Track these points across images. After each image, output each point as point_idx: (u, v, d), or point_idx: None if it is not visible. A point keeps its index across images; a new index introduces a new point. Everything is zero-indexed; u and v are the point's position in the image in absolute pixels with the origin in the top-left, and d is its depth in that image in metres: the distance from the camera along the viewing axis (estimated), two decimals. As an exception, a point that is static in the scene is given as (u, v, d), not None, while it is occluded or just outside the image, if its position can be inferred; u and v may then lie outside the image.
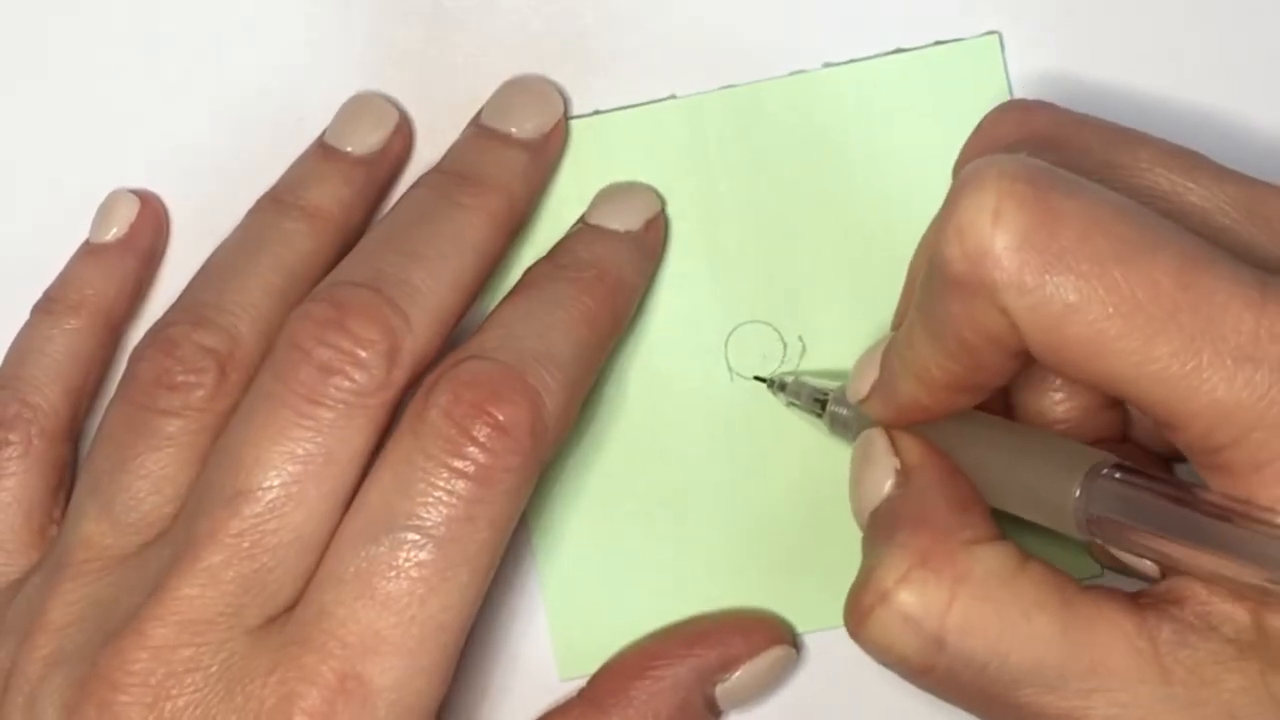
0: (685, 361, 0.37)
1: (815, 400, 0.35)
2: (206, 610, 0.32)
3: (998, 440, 0.32)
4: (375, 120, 0.37)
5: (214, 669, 0.32)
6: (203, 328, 0.34)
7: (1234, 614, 0.28)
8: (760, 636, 0.36)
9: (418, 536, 0.32)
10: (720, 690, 0.35)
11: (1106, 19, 0.37)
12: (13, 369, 0.37)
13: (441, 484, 0.32)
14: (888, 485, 0.32)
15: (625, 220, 0.37)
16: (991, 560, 0.29)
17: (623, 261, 0.36)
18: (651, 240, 0.37)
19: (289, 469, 0.32)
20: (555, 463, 0.37)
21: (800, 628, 0.37)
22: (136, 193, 0.38)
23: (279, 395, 0.33)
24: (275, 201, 0.37)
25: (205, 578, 0.32)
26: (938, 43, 0.37)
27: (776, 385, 0.36)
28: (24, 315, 0.38)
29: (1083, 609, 0.29)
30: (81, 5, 0.38)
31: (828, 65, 0.37)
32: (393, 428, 0.33)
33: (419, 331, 0.33)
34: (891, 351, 0.32)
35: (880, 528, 0.31)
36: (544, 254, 0.36)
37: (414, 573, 0.32)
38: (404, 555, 0.32)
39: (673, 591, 0.37)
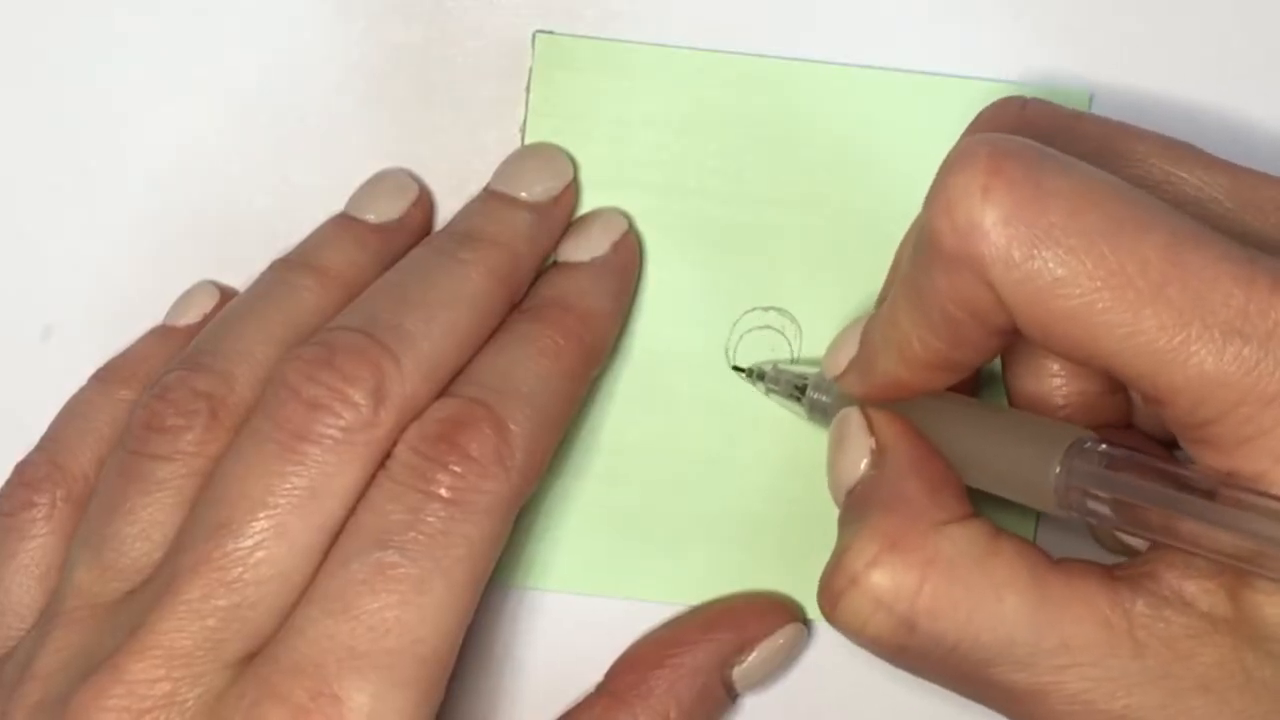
0: (688, 346, 0.37)
1: (794, 387, 0.36)
2: (186, 644, 0.31)
3: (976, 419, 0.32)
4: (395, 191, 0.37)
5: (189, 703, 0.31)
6: (197, 373, 0.34)
7: (1211, 589, 0.29)
8: (774, 616, 0.36)
9: (388, 552, 0.31)
10: (737, 672, 0.36)
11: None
12: (53, 431, 0.37)
13: (414, 503, 0.32)
14: (863, 465, 0.32)
15: (590, 249, 0.37)
16: (963, 540, 0.30)
17: (586, 290, 0.36)
18: (620, 260, 0.37)
19: (273, 503, 0.32)
20: (558, 454, 0.37)
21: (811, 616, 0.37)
22: (219, 287, 0.38)
23: (266, 432, 0.32)
24: (286, 262, 0.37)
25: (185, 610, 0.32)
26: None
27: (755, 374, 0.37)
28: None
29: (1054, 586, 0.29)
30: (82, 5, 0.38)
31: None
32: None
33: (409, 374, 0.33)
34: (873, 326, 0.32)
35: (854, 508, 0.32)
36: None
37: (386, 587, 0.31)
38: (375, 570, 0.31)
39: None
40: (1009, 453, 0.31)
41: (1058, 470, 0.29)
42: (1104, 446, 0.29)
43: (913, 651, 0.30)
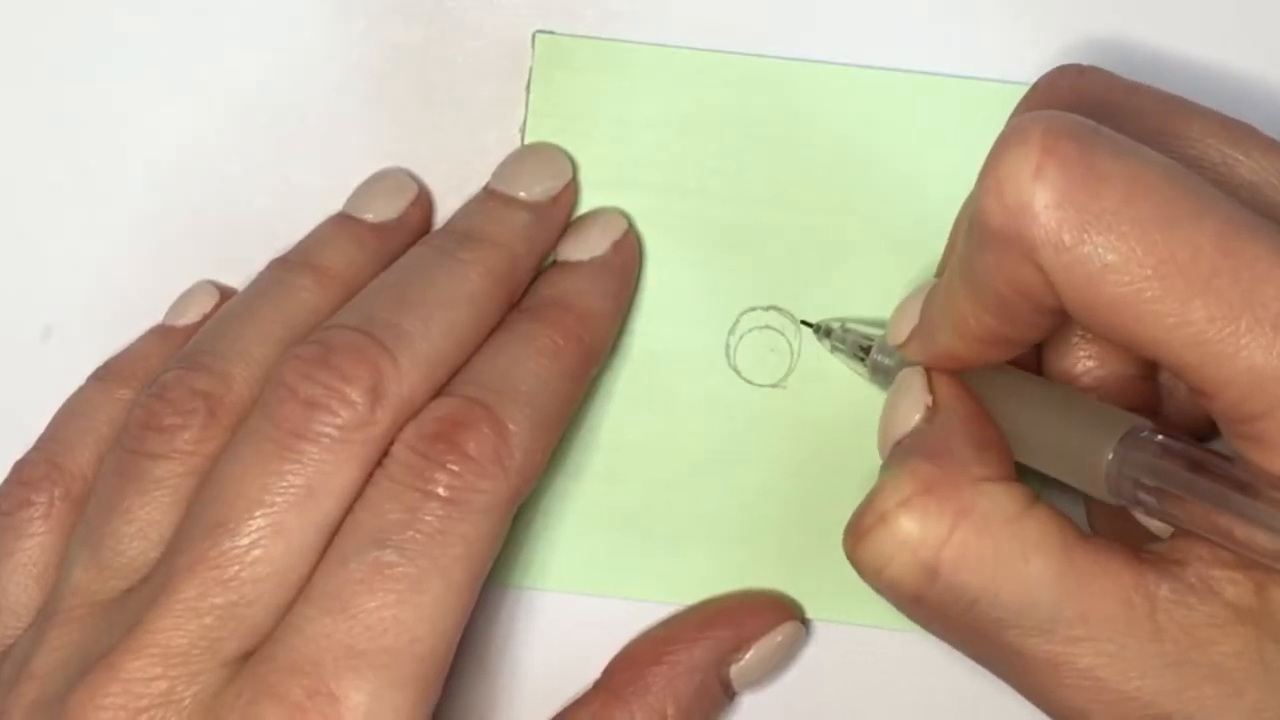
0: (688, 346, 0.37)
1: (860, 348, 0.36)
2: (183, 642, 0.31)
3: (1034, 395, 0.32)
4: (394, 191, 0.37)
5: (186, 701, 0.31)
6: (195, 372, 0.34)
7: (1238, 579, 0.28)
8: (771, 614, 0.36)
9: (386, 551, 0.31)
10: (735, 670, 0.36)
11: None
12: (52, 430, 0.37)
13: (411, 503, 0.32)
14: (916, 418, 0.32)
15: (590, 249, 0.37)
16: (1001, 498, 0.29)
17: (586, 290, 0.36)
18: (620, 260, 0.37)
19: (270, 502, 0.32)
20: (557, 454, 0.37)
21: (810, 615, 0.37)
22: (219, 287, 0.38)
23: (264, 431, 0.32)
24: (284, 261, 0.37)
25: (182, 609, 0.31)
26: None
27: (822, 331, 0.37)
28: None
29: (1082, 557, 0.29)
30: (82, 5, 0.38)
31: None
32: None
33: (406, 373, 0.33)
34: (931, 299, 0.32)
35: (898, 455, 0.31)
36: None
37: (383, 586, 0.31)
38: (373, 570, 0.31)
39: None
40: (1063, 432, 0.30)
41: (1111, 456, 0.29)
42: (1160, 437, 0.29)
43: (930, 602, 0.30)
